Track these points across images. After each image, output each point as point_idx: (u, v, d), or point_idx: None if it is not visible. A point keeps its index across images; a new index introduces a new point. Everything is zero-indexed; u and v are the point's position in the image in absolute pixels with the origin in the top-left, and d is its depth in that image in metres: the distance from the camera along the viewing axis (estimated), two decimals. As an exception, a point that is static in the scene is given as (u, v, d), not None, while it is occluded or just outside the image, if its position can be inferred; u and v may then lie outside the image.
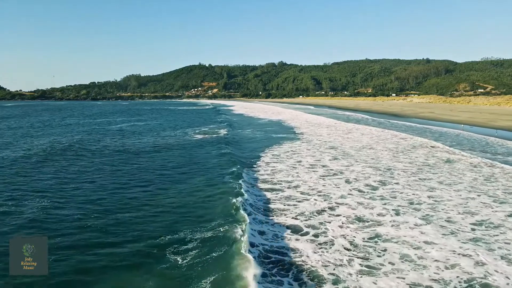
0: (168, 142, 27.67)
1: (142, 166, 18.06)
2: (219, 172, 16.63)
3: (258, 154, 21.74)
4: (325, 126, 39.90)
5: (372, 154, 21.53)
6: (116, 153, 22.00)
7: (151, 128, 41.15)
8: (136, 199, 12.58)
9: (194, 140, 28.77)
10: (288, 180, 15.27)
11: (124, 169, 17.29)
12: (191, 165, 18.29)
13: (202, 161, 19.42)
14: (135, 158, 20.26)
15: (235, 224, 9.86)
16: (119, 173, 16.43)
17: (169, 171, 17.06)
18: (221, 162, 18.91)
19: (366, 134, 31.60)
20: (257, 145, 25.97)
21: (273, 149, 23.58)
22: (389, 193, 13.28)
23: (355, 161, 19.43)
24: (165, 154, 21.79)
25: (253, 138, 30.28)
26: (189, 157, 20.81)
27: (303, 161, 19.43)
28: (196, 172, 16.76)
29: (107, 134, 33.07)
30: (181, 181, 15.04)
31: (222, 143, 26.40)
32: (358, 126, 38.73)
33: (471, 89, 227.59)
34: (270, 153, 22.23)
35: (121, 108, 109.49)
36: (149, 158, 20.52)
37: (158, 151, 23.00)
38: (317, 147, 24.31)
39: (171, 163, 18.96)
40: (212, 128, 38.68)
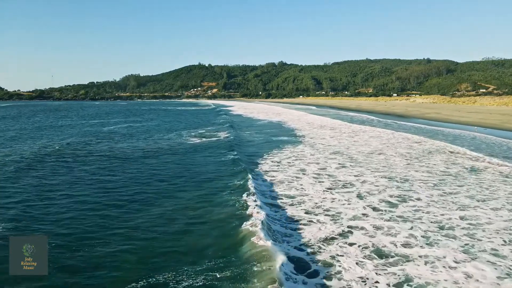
0: (160, 146, 25.45)
1: (126, 177, 15.80)
2: (209, 185, 14.41)
3: (255, 161, 19.49)
4: (328, 127, 37.67)
5: (384, 160, 19.29)
6: (100, 160, 19.73)
7: (145, 130, 38.92)
8: (103, 227, 10.08)
9: (188, 144, 26.50)
10: (290, 195, 13.00)
11: (103, 182, 15.01)
12: (182, 177, 16.03)
13: (194, 170, 17.18)
14: (119, 167, 17.99)
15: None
16: (96, 187, 14.15)
17: (156, 183, 14.80)
18: (210, 171, 16.69)
19: (374, 137, 29.35)
20: (255, 150, 23.72)
21: (272, 155, 21.33)
22: (412, 213, 11.03)
23: (366, 169, 17.19)
24: (155, 161, 19.54)
25: (251, 142, 28.04)
26: (181, 165, 18.57)
27: (307, 169, 17.19)
28: (187, 185, 14.51)
29: (97, 137, 30.80)
30: (168, 196, 12.79)
31: (216, 147, 24.19)
32: (364, 128, 36.49)
33: (473, 89, 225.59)
34: (270, 159, 19.99)
35: (118, 109, 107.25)
36: (136, 166, 18.26)
37: (147, 157, 20.76)
38: (321, 152, 22.08)
39: (159, 173, 16.71)
40: (209, 130, 36.43)
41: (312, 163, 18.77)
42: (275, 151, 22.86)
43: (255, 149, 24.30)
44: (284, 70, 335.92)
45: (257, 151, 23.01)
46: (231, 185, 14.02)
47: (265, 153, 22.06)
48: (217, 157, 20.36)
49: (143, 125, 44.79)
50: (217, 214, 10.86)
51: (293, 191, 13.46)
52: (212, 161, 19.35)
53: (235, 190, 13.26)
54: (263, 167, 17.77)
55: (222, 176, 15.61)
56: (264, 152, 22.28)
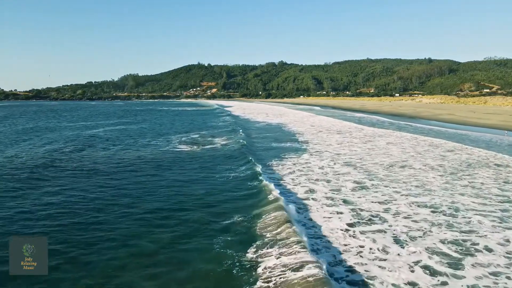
0: (140, 155, 21.49)
1: (80, 199, 11.82)
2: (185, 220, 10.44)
3: (241, 177, 15.50)
4: (335, 131, 33.65)
5: (413, 177, 15.31)
6: (57, 176, 15.76)
7: (131, 134, 34.92)
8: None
9: (174, 153, 22.47)
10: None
11: (48, 206, 11.03)
12: (154, 201, 12.08)
13: (163, 194, 13.20)
14: (78, 184, 14.03)
15: None
16: (31, 217, 10.18)
17: (117, 207, 10.88)
18: (189, 197, 12.71)
19: (393, 143, 25.36)
20: (240, 162, 19.71)
21: (271, 169, 17.34)
22: (491, 280, 7.04)
23: (392, 190, 13.24)
24: (126, 176, 15.60)
25: (237, 149, 24.03)
26: (157, 183, 14.62)
27: (316, 191, 13.27)
28: (154, 217, 10.57)
29: (74, 144, 26.63)
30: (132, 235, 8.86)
31: (208, 159, 20.23)
32: (376, 131, 32.52)
33: (477, 89, 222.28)
34: (268, 174, 16.01)
35: (112, 110, 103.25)
36: (99, 184, 14.31)
37: (118, 171, 16.78)
38: (330, 164, 18.12)
39: (126, 193, 12.77)
40: (203, 136, 32.32)
41: (321, 181, 14.83)
42: (275, 161, 18.90)
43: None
44: (284, 69, 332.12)
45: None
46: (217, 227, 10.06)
47: (263, 165, 18.07)
48: (203, 173, 16.39)
49: (131, 128, 40.80)
50: (201, 255, 6.95)
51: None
52: (194, 178, 15.38)
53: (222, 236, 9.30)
54: (260, 188, 13.80)
55: (204, 207, 11.65)
56: (261, 164, 18.29)
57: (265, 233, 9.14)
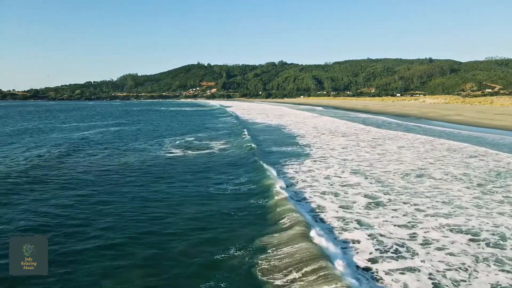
0: (127, 161, 19.43)
1: (43, 216, 9.75)
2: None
3: (241, 192, 13.44)
4: (340, 133, 31.52)
5: (435, 189, 13.22)
6: (30, 188, 13.74)
7: (123, 136, 32.87)
8: None
9: (165, 159, 20.40)
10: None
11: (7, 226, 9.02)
12: (132, 223, 10.02)
13: (159, 209, 11.15)
14: (48, 197, 11.97)
15: None
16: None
17: (82, 235, 8.81)
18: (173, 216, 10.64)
19: (406, 147, 23.22)
20: (245, 170, 17.66)
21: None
22: None
23: (414, 208, 11.18)
24: (106, 189, 13.54)
25: (237, 155, 21.97)
26: (140, 197, 12.58)
27: (323, 209, 11.23)
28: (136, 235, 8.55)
29: (58, 148, 24.49)
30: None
31: (202, 167, 18.19)
32: (384, 133, 30.41)
33: (478, 89, 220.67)
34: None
35: (108, 110, 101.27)
36: (69, 197, 12.27)
37: (98, 182, 14.69)
38: (338, 173, 16.05)
39: (102, 212, 10.71)
40: (199, 138, 30.22)
41: (327, 194, 12.76)
42: (275, 169, 16.77)
43: (245, 168, 18.23)
44: (285, 69, 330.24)
45: (247, 173, 16.96)
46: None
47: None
48: (197, 184, 14.32)
49: (125, 130, 38.73)
50: None
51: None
52: (186, 192, 13.31)
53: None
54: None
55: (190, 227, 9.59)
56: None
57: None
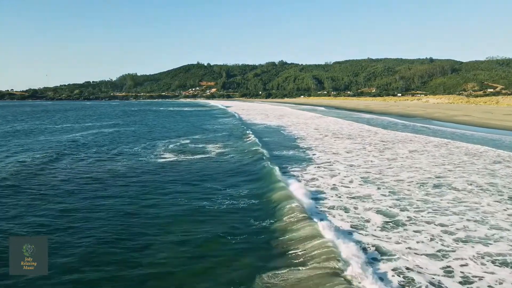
0: (114, 168, 17.55)
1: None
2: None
3: (245, 207, 11.58)
4: (344, 135, 29.64)
5: (460, 202, 11.34)
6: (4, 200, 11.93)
7: (114, 138, 30.99)
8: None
9: (155, 165, 18.53)
10: None
11: None
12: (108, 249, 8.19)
13: (141, 233, 9.30)
14: (21, 211, 10.11)
15: None
16: None
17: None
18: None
19: (418, 150, 21.34)
20: (241, 179, 15.78)
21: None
22: None
23: (440, 229, 9.31)
24: (82, 205, 11.73)
25: (238, 161, 20.11)
26: (120, 212, 10.74)
27: (332, 220, 9.34)
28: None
29: (45, 152, 22.56)
30: None
31: (195, 176, 16.33)
32: (392, 135, 28.52)
33: (480, 89, 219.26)
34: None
35: (104, 110, 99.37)
36: (44, 214, 10.43)
37: (76, 193, 12.89)
38: (345, 182, 14.18)
39: (74, 232, 8.85)
40: (195, 141, 28.27)
41: (336, 209, 10.91)
42: (264, 185, 14.74)
43: (242, 177, 16.35)
44: (285, 69, 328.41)
45: (243, 182, 15.10)
46: None
47: (256, 188, 14.14)
48: (186, 198, 12.45)
49: (118, 131, 36.82)
50: None
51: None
52: (176, 209, 11.44)
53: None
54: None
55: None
56: (255, 187, 14.37)
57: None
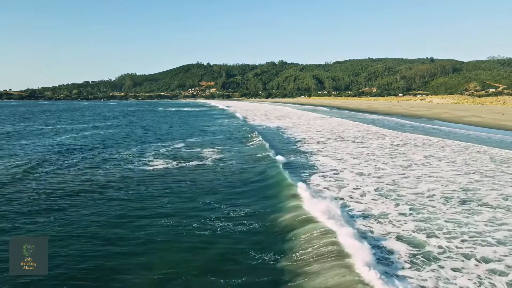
0: (93, 178, 15.47)
1: None
2: None
3: (230, 229, 9.45)
4: (350, 138, 27.50)
5: (499, 223, 9.29)
6: None
7: (103, 141, 28.79)
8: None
9: (142, 173, 16.44)
10: None
11: None
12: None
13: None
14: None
15: None
16: None
17: None
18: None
19: (434, 156, 19.12)
20: (240, 194, 13.66)
21: (272, 210, 11.27)
22: None
23: (485, 268, 7.23)
24: (50, 227, 9.66)
25: (237, 170, 17.98)
26: (92, 240, 8.66)
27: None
28: None
29: (26, 158, 20.54)
30: None
31: (186, 189, 14.23)
32: (403, 138, 26.36)
33: (482, 89, 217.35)
34: (265, 224, 9.91)
35: (100, 111, 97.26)
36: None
37: (44, 214, 10.81)
38: (355, 196, 12.10)
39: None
40: (190, 145, 26.03)
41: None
42: (272, 203, 12.45)
43: (233, 193, 14.24)
44: (285, 69, 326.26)
45: (233, 200, 12.97)
46: None
47: (249, 203, 12.02)
48: (174, 222, 10.34)
49: (109, 133, 34.67)
50: None
51: None
52: (162, 238, 9.34)
53: None
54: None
55: None
56: (249, 202, 12.24)
57: None
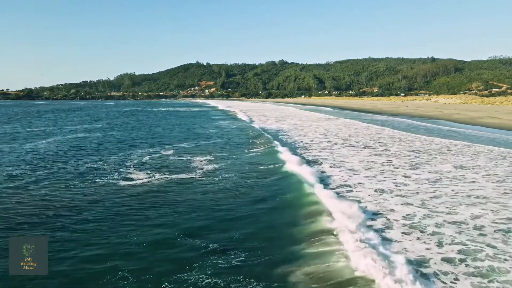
0: (56, 194, 12.47)
1: None
2: None
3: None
4: (361, 144, 24.30)
5: None
6: None
7: (83, 146, 25.59)
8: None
9: (114, 191, 13.32)
10: None
11: None
12: None
13: None
14: None
15: None
16: None
17: None
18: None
19: (467, 166, 15.92)
20: (236, 228, 10.53)
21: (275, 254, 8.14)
22: None
23: None
24: None
25: (233, 187, 14.84)
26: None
27: None
28: None
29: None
30: None
31: (158, 210, 11.13)
32: (421, 142, 23.19)
33: (485, 88, 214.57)
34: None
35: (95, 111, 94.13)
36: None
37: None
38: (378, 227, 8.96)
39: None
40: (182, 152, 22.88)
41: None
42: (269, 233, 9.56)
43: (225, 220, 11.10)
44: (285, 68, 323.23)
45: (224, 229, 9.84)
46: None
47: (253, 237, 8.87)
48: (145, 267, 7.25)
49: (92, 137, 31.39)
50: None
51: None
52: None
53: None
54: None
55: None
56: (241, 226, 9.11)
57: None
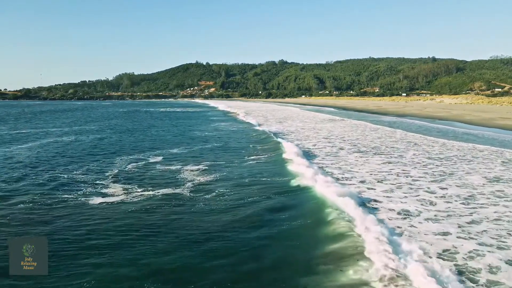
0: (11, 213, 9.96)
1: None
2: None
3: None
4: (372, 149, 21.81)
5: None
6: None
7: (63, 152, 22.87)
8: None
9: (84, 210, 10.87)
10: None
11: None
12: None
13: None
14: None
15: None
16: None
17: None
18: None
19: (502, 179, 13.37)
20: (232, 265, 8.05)
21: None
22: None
23: None
24: None
25: (230, 207, 12.35)
26: None
27: None
28: None
29: None
30: None
31: (134, 240, 8.60)
32: (438, 147, 20.69)
33: (488, 88, 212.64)
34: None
35: (90, 112, 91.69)
36: None
37: None
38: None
39: None
40: (172, 158, 20.41)
41: None
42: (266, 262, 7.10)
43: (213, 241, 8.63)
44: (285, 68, 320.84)
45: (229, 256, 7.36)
46: None
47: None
48: None
49: (78, 140, 28.85)
50: None
51: None
52: None
53: None
54: None
55: None
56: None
57: None
